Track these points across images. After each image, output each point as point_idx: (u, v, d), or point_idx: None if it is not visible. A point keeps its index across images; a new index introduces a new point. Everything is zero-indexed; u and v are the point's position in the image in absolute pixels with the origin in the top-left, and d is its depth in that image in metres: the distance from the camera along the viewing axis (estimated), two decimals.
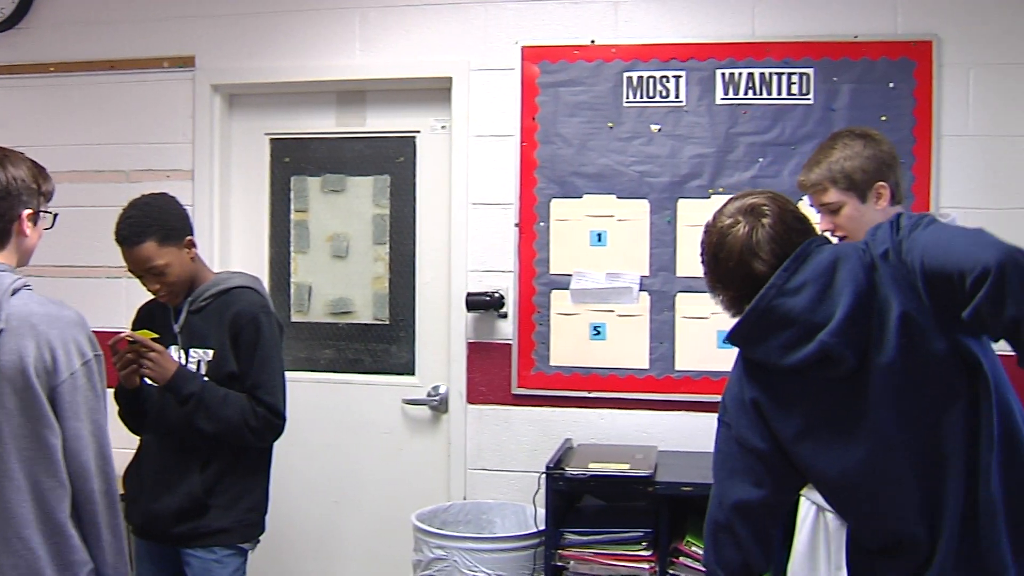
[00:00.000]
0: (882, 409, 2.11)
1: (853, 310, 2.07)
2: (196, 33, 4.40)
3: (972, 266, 1.92)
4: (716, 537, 2.35)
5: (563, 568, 3.64)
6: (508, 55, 4.14)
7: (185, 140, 4.41)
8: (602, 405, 4.10)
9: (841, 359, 2.09)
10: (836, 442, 2.19)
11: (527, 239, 4.11)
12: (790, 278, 2.13)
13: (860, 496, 2.23)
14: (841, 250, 2.17)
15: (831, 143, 2.84)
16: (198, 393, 3.05)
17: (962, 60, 3.88)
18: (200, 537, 3.14)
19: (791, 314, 2.12)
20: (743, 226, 2.19)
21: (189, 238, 3.19)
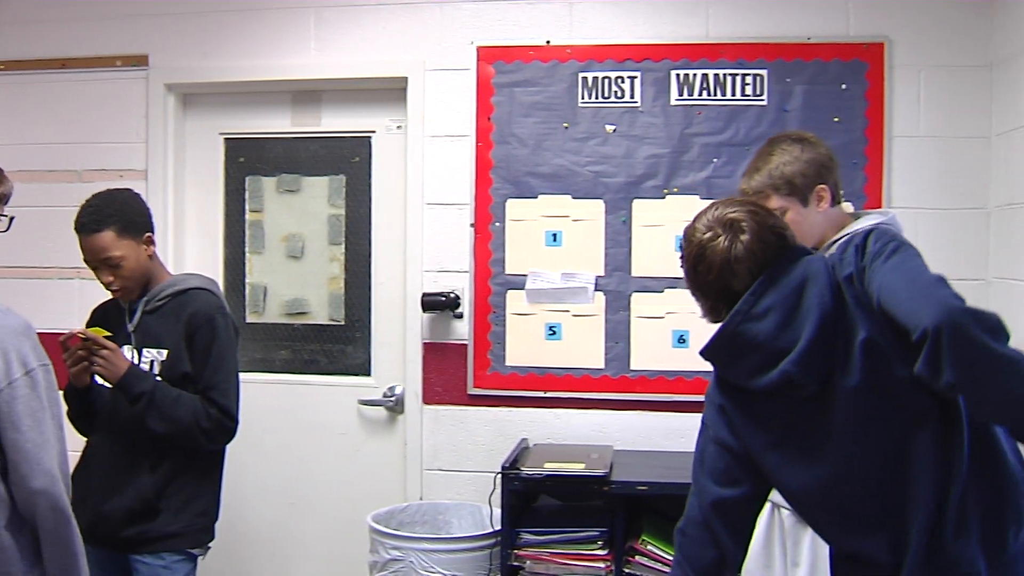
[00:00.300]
0: (847, 431, 2.12)
1: (816, 337, 2.07)
2: (149, 32, 4.36)
3: (913, 325, 1.91)
4: (690, 535, 2.35)
5: (519, 568, 3.64)
6: (463, 55, 4.14)
7: (138, 140, 4.37)
8: (558, 405, 4.11)
9: (804, 385, 2.10)
10: (801, 459, 2.19)
11: (482, 239, 4.11)
12: (757, 302, 2.14)
13: (821, 512, 2.25)
14: (812, 269, 2.15)
15: (769, 149, 2.82)
16: (149, 392, 3.01)
17: (913, 62, 3.92)
18: (149, 542, 3.09)
19: (756, 339, 2.12)
20: (723, 240, 2.18)
21: (149, 235, 3.17)
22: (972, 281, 3.85)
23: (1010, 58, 3.73)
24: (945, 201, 3.90)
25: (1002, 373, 1.86)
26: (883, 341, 2.07)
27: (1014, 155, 3.67)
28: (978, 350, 1.85)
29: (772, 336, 2.11)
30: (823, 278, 2.13)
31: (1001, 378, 1.86)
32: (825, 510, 2.23)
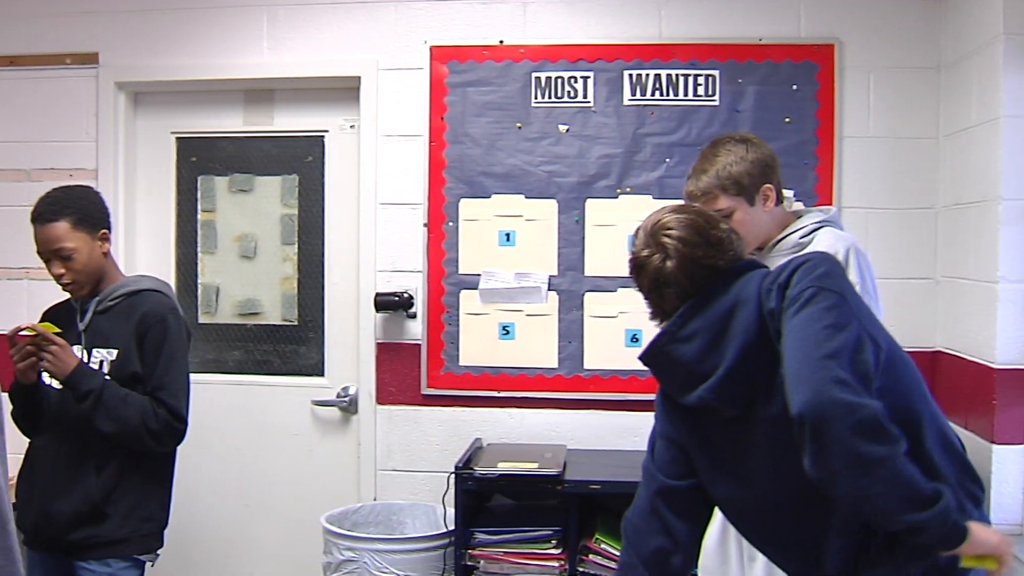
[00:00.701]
0: (766, 457, 2.14)
1: (736, 365, 2.09)
2: (100, 29, 4.31)
3: (791, 401, 1.92)
4: (636, 523, 2.38)
5: (473, 568, 3.64)
6: (417, 55, 4.13)
7: (88, 139, 4.33)
8: (511, 404, 4.12)
9: (721, 410, 2.15)
10: (724, 473, 2.24)
11: (436, 239, 4.10)
12: (684, 324, 2.17)
13: (741, 523, 2.32)
14: (743, 294, 2.16)
15: (714, 150, 2.85)
16: (98, 390, 2.97)
17: (863, 63, 3.96)
18: (94, 548, 3.04)
19: (681, 360, 2.17)
20: (656, 257, 2.21)
21: (104, 231, 3.14)
22: (920, 280, 3.89)
23: (958, 60, 3.77)
24: (894, 201, 3.94)
25: (856, 471, 1.84)
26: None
27: (961, 156, 3.72)
28: (838, 447, 1.84)
29: (696, 360, 2.14)
30: (752, 304, 2.13)
31: (855, 476, 1.84)
32: (746, 522, 2.29)
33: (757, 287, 2.16)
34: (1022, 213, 3.36)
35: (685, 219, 2.25)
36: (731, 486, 2.23)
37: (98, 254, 3.12)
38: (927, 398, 2.13)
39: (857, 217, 3.93)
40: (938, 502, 1.86)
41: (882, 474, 1.83)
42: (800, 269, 2.10)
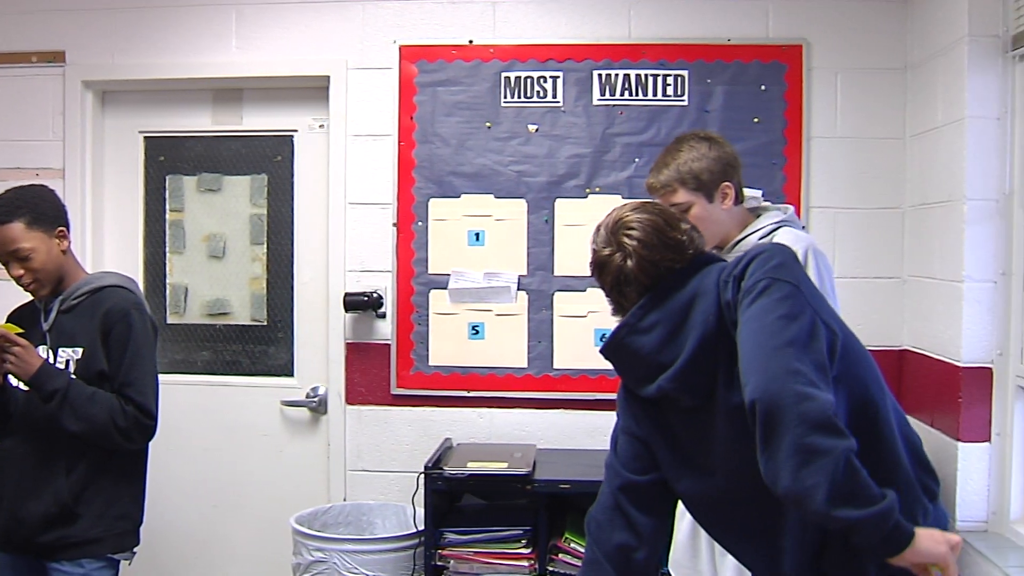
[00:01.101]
0: (729, 446, 2.14)
1: (695, 355, 2.11)
2: (66, 27, 4.28)
3: (746, 390, 1.94)
4: (599, 519, 2.37)
5: (443, 568, 3.64)
6: (386, 54, 4.12)
7: (55, 138, 4.29)
8: (481, 404, 4.12)
9: (681, 400, 2.16)
10: (687, 465, 2.25)
11: (405, 239, 4.10)
12: (644, 316, 2.18)
13: (705, 516, 2.33)
14: (703, 286, 2.17)
15: (677, 146, 2.90)
16: (63, 389, 2.94)
17: (830, 64, 3.98)
18: (67, 548, 3.02)
19: (640, 352, 2.18)
20: (616, 255, 2.23)
21: (61, 228, 3.11)
22: (888, 279, 3.92)
23: (923, 61, 3.80)
24: (861, 201, 3.97)
25: (802, 464, 1.82)
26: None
27: (927, 156, 3.74)
28: (785, 434, 1.84)
29: (655, 350, 2.16)
30: (711, 296, 2.14)
31: (799, 468, 1.83)
32: (709, 516, 2.30)
33: (715, 279, 2.17)
34: (987, 213, 3.38)
35: (647, 220, 2.26)
36: (694, 479, 2.24)
37: (56, 252, 3.09)
38: (884, 388, 2.14)
39: (825, 217, 3.95)
40: (878, 502, 1.83)
41: (823, 465, 1.80)
42: (755, 260, 2.10)
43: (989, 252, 3.39)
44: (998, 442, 3.37)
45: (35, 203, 3.06)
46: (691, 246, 2.26)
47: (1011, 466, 3.33)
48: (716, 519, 2.30)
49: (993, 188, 3.38)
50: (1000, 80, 3.38)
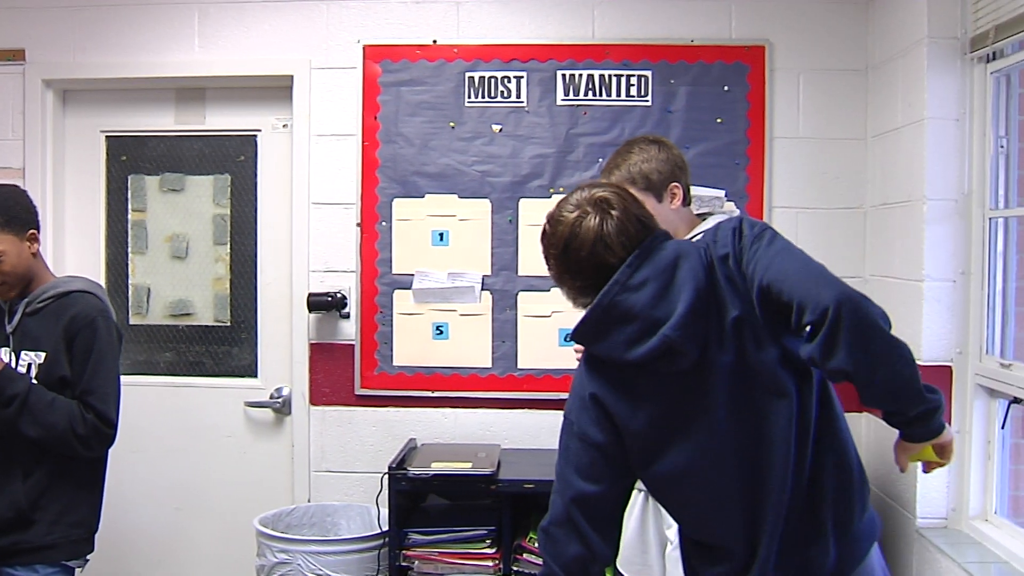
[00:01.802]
0: (721, 408, 2.16)
1: (694, 306, 2.11)
2: (26, 25, 4.24)
3: (811, 305, 1.97)
4: (552, 533, 2.34)
5: (408, 568, 3.64)
6: (350, 54, 4.12)
7: (15, 137, 4.25)
8: (446, 404, 4.12)
9: (684, 352, 2.12)
10: (676, 437, 2.22)
11: (369, 239, 4.09)
12: (633, 274, 2.16)
13: (688, 494, 2.28)
14: (683, 248, 2.20)
15: (628, 148, 2.96)
16: (23, 395, 2.91)
17: (793, 65, 4.01)
18: (21, 554, 2.98)
19: (633, 310, 2.15)
20: (593, 217, 2.20)
21: (32, 232, 3.08)
22: (850, 279, 3.88)
23: (884, 63, 3.83)
24: (823, 201, 4.00)
25: (893, 355, 1.98)
26: (752, 321, 2.13)
27: (888, 157, 3.78)
28: (874, 330, 1.97)
29: (649, 306, 2.13)
30: (695, 256, 2.18)
31: (893, 359, 1.99)
32: (687, 492, 2.26)
33: (692, 244, 2.22)
34: (946, 213, 3.42)
35: (608, 184, 2.32)
36: (680, 450, 2.21)
37: (27, 255, 3.06)
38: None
39: (787, 216, 3.97)
40: (939, 392, 2.06)
41: (909, 357, 2.00)
42: (746, 220, 2.22)
43: (948, 252, 3.42)
44: (957, 439, 3.38)
45: (7, 206, 3.03)
46: (655, 222, 2.28)
47: (970, 463, 3.36)
48: (696, 494, 2.26)
49: (952, 188, 3.42)
50: (959, 82, 3.42)
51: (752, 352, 2.14)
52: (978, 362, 3.36)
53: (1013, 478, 3.36)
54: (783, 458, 2.13)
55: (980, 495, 3.36)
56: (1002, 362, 3.25)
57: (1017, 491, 3.37)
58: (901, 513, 3.54)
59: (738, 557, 2.20)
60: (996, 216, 3.34)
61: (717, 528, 2.24)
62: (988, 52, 3.30)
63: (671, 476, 2.26)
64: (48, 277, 3.17)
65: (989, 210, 3.35)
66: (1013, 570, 3.01)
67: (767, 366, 2.13)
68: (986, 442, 3.35)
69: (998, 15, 3.19)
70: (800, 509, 2.14)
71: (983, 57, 3.35)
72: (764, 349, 2.13)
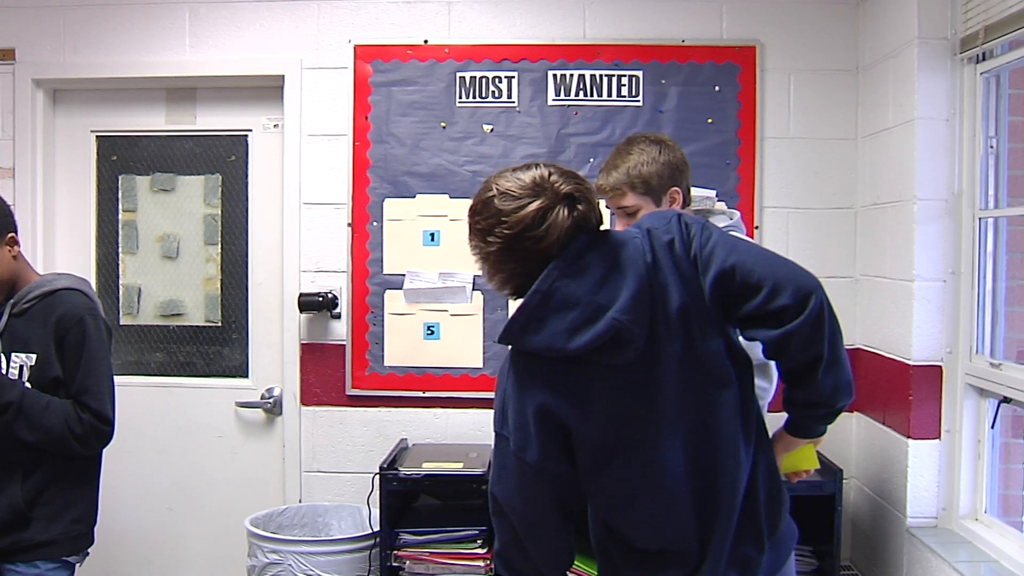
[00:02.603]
0: (670, 404, 2.10)
1: (639, 291, 2.06)
2: (16, 25, 4.23)
3: (792, 288, 2.00)
4: (506, 557, 2.28)
5: (399, 568, 3.64)
6: (341, 54, 4.11)
7: (5, 137, 4.24)
8: (437, 404, 4.12)
9: (631, 339, 2.04)
10: (628, 442, 2.12)
11: (360, 239, 4.08)
12: (575, 260, 2.09)
13: (638, 503, 2.15)
14: (621, 235, 2.16)
15: (627, 148, 2.88)
16: (17, 402, 2.90)
17: (783, 65, 4.02)
18: (22, 551, 2.97)
19: (573, 296, 2.06)
20: (561, 210, 2.11)
21: (11, 235, 3.04)
22: (841, 279, 3.95)
23: (874, 63, 3.84)
24: (814, 201, 4.01)
25: (842, 354, 2.09)
26: (699, 308, 2.09)
27: (879, 157, 3.78)
28: (832, 327, 2.05)
29: (591, 291, 2.06)
30: (637, 241, 2.13)
31: (843, 360, 2.10)
32: (645, 497, 2.14)
33: (630, 233, 2.17)
34: (936, 213, 3.42)
35: (578, 182, 2.20)
36: (634, 456, 2.11)
37: (7, 260, 3.02)
38: None
39: (778, 217, 3.98)
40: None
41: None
42: (682, 214, 2.20)
43: (939, 251, 3.43)
44: (948, 439, 3.41)
45: None
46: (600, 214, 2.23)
47: (960, 463, 3.37)
48: (650, 498, 2.14)
49: (943, 188, 3.43)
50: (949, 82, 3.43)
51: (698, 340, 2.09)
52: (968, 362, 3.37)
53: (1003, 477, 3.37)
54: (734, 453, 2.10)
55: (970, 494, 3.37)
56: (992, 362, 3.26)
57: (1007, 490, 3.38)
58: (892, 513, 3.55)
59: (690, 559, 2.12)
60: (986, 216, 3.34)
61: (670, 531, 2.13)
62: (978, 52, 3.31)
63: (624, 483, 2.14)
64: (32, 276, 3.14)
65: (979, 210, 3.36)
66: (1003, 569, 3.02)
67: (714, 356, 2.10)
68: (976, 442, 3.36)
69: (988, 16, 3.20)
70: (743, 507, 2.12)
71: (973, 58, 3.36)
72: (709, 338, 2.09)
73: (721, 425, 2.10)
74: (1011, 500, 3.39)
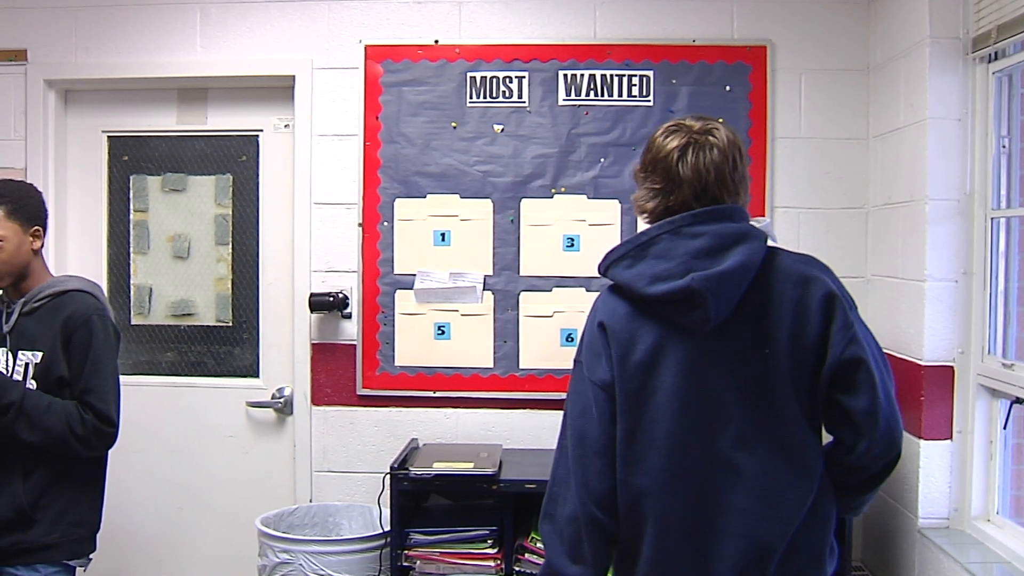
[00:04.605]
0: (715, 393, 2.21)
1: (736, 271, 2.15)
2: (28, 25, 4.24)
3: (880, 448, 2.18)
4: (548, 505, 2.39)
5: (409, 568, 3.63)
6: (351, 54, 4.12)
7: (17, 137, 4.25)
8: (447, 404, 4.11)
9: (702, 304, 2.15)
10: (672, 417, 2.23)
11: (371, 239, 4.09)
12: (694, 223, 2.21)
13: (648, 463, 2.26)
14: (753, 232, 2.22)
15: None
16: (18, 402, 2.90)
17: (794, 65, 4.01)
18: (22, 554, 2.98)
19: (675, 251, 2.19)
20: (730, 148, 2.29)
21: (37, 228, 3.09)
22: (852, 279, 3.94)
23: (885, 63, 3.83)
24: (825, 201, 4.00)
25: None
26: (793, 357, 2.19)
27: (890, 156, 3.77)
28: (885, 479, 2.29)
29: (693, 254, 2.18)
30: (759, 244, 2.20)
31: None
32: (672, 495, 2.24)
33: (759, 234, 2.23)
34: (948, 213, 3.41)
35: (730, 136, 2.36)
36: (676, 436, 2.22)
37: (27, 249, 3.07)
38: None
39: (789, 217, 3.97)
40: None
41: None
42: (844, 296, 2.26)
43: (951, 252, 3.42)
44: (959, 440, 3.40)
45: (19, 196, 3.07)
46: (745, 189, 2.35)
47: (972, 463, 3.36)
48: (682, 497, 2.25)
49: (954, 188, 3.41)
50: (961, 82, 3.41)
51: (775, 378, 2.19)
52: (980, 362, 3.36)
53: (1015, 478, 3.36)
54: (762, 497, 2.21)
55: (982, 495, 3.36)
56: (1004, 362, 3.25)
57: (1019, 491, 3.37)
58: (903, 513, 3.54)
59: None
60: (998, 216, 3.33)
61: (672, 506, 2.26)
62: (990, 52, 3.30)
63: (654, 477, 2.25)
64: (46, 276, 3.18)
65: (991, 210, 3.35)
66: (1015, 570, 3.01)
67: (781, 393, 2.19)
68: (988, 442, 3.35)
69: (1000, 15, 3.18)
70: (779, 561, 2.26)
71: (985, 57, 3.34)
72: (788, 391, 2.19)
73: (764, 456, 2.20)
74: (1023, 501, 3.37)
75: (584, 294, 4.01)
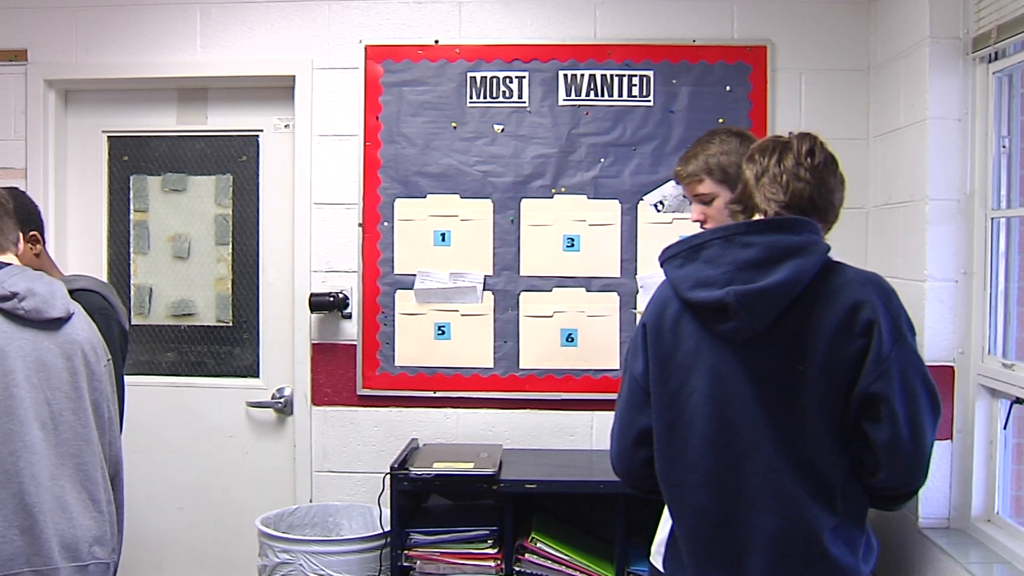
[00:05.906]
0: (743, 407, 2.24)
1: (775, 288, 2.16)
2: (28, 25, 4.24)
3: (903, 482, 2.23)
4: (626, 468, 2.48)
5: (410, 568, 3.63)
6: (351, 54, 4.11)
7: (17, 137, 4.25)
8: (448, 404, 4.11)
9: (734, 319, 2.18)
10: (711, 418, 2.27)
11: (371, 239, 4.09)
12: (747, 233, 2.23)
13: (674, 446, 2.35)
14: (811, 247, 2.22)
15: (709, 138, 2.92)
16: None
17: (794, 65, 4.01)
18: None
19: (721, 259, 2.23)
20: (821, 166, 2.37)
21: (34, 232, 3.07)
22: None
23: (886, 63, 3.83)
24: None
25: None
26: (829, 377, 2.20)
27: (890, 157, 3.77)
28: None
29: (739, 265, 2.20)
30: (813, 263, 2.20)
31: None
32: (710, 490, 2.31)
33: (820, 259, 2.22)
34: (948, 213, 3.41)
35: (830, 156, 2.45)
36: (708, 437, 2.28)
37: (28, 256, 3.05)
38: None
39: None
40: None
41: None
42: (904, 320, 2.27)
43: (951, 252, 3.42)
44: (960, 440, 3.40)
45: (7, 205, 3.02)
46: (833, 214, 2.43)
47: (973, 463, 3.36)
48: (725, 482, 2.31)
49: (955, 188, 3.41)
50: (961, 82, 3.41)
51: (809, 395, 2.21)
52: (980, 362, 3.35)
53: (1016, 479, 3.35)
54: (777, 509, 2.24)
55: (983, 496, 3.36)
56: (1004, 362, 3.25)
57: (1019, 491, 3.37)
58: (903, 513, 3.53)
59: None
60: (998, 216, 3.33)
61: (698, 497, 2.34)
62: (990, 52, 3.30)
63: (692, 473, 2.32)
64: (56, 275, 3.16)
65: (991, 210, 3.35)
66: (1016, 571, 3.01)
67: (809, 405, 2.21)
68: (988, 443, 3.35)
69: (1000, 15, 3.18)
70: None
71: (985, 57, 3.34)
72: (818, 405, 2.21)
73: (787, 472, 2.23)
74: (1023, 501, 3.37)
75: (584, 294, 4.01)
